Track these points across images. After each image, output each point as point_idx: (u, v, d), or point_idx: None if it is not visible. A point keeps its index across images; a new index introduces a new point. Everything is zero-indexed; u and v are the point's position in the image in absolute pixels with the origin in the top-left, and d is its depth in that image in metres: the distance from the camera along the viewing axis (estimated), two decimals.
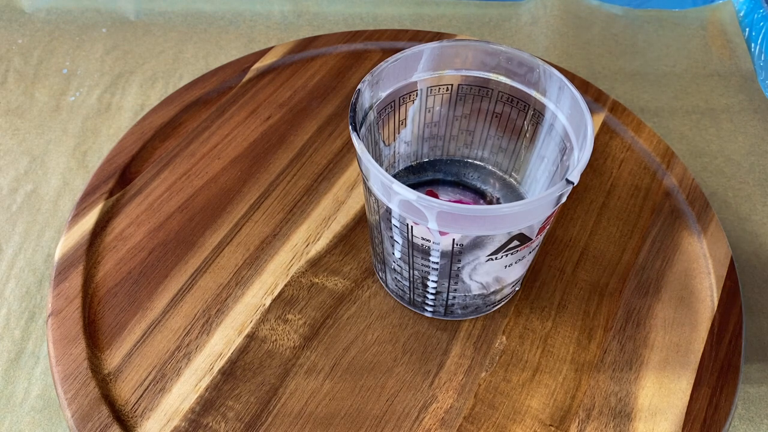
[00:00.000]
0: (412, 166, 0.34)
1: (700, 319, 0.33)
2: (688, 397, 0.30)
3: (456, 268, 0.28)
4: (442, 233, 0.25)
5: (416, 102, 0.31)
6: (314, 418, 0.29)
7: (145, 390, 0.30)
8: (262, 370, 0.30)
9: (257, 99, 0.42)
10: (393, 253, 0.29)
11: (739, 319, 0.33)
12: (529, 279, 0.34)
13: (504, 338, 0.32)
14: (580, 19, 0.54)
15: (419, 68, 0.29)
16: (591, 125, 0.26)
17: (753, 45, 0.52)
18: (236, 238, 0.35)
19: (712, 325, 0.33)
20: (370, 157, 0.24)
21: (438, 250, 0.27)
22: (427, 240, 0.26)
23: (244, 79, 0.43)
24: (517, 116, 0.31)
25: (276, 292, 0.33)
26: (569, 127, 0.28)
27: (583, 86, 0.43)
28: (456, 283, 0.29)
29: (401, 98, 0.30)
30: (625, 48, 0.52)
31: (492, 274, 0.28)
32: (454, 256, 0.27)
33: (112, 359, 0.31)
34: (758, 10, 0.53)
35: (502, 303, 0.33)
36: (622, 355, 0.31)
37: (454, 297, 0.30)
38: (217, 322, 0.32)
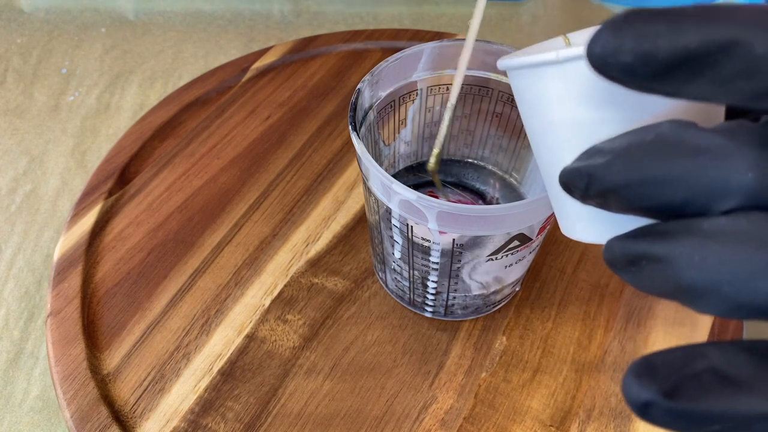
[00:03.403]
0: (412, 166, 0.34)
1: (700, 319, 0.33)
2: None
3: (456, 268, 0.27)
4: (441, 233, 0.25)
5: (416, 102, 0.31)
6: (314, 419, 0.29)
7: (145, 390, 0.30)
8: (262, 371, 0.30)
9: (257, 99, 0.42)
10: (393, 253, 0.29)
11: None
12: (529, 279, 0.34)
13: (504, 339, 0.32)
14: (581, 18, 0.54)
15: (419, 68, 0.29)
16: None
17: None
18: (236, 238, 0.35)
19: (713, 325, 0.32)
20: (370, 157, 0.24)
21: (438, 250, 0.27)
22: (427, 240, 0.26)
23: (244, 79, 0.43)
24: (517, 116, 0.31)
25: (275, 293, 0.33)
26: None
27: None
28: (456, 283, 0.29)
29: (401, 98, 0.30)
30: None
31: (492, 274, 0.28)
32: (454, 256, 0.27)
33: (112, 360, 0.31)
34: None
35: (503, 303, 0.33)
36: (622, 356, 0.31)
37: (454, 297, 0.30)
38: (216, 322, 0.32)
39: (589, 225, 0.16)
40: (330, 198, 0.37)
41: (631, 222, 0.14)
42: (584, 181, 0.14)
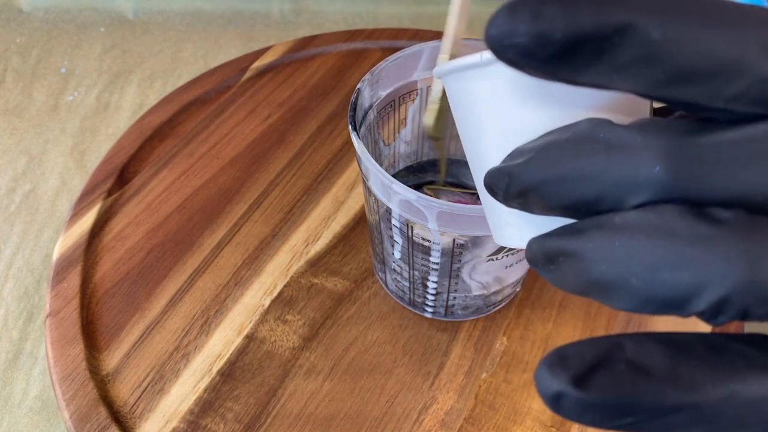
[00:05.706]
0: (412, 166, 0.34)
1: (699, 322, 0.33)
2: None
3: (456, 268, 0.27)
4: (441, 233, 0.25)
5: (416, 101, 0.30)
6: (314, 420, 0.29)
7: (144, 391, 0.30)
8: (262, 371, 0.30)
9: (256, 98, 0.42)
10: (393, 254, 0.29)
11: None
12: (529, 280, 0.34)
13: (505, 339, 0.32)
14: None
15: (419, 67, 0.29)
16: None
17: None
18: (235, 238, 0.35)
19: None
20: (369, 156, 0.24)
21: (438, 250, 0.26)
22: (427, 240, 0.26)
23: (243, 79, 0.43)
24: None
25: (275, 293, 0.33)
26: None
27: None
28: (456, 283, 0.29)
29: (401, 97, 0.30)
30: None
31: (492, 274, 0.28)
32: (454, 256, 0.27)
33: (111, 360, 0.31)
34: None
35: (503, 304, 0.33)
36: None
37: (455, 297, 0.30)
38: (215, 322, 0.32)
39: (517, 229, 0.16)
40: (330, 198, 0.37)
41: (554, 224, 0.14)
42: (505, 181, 0.14)
